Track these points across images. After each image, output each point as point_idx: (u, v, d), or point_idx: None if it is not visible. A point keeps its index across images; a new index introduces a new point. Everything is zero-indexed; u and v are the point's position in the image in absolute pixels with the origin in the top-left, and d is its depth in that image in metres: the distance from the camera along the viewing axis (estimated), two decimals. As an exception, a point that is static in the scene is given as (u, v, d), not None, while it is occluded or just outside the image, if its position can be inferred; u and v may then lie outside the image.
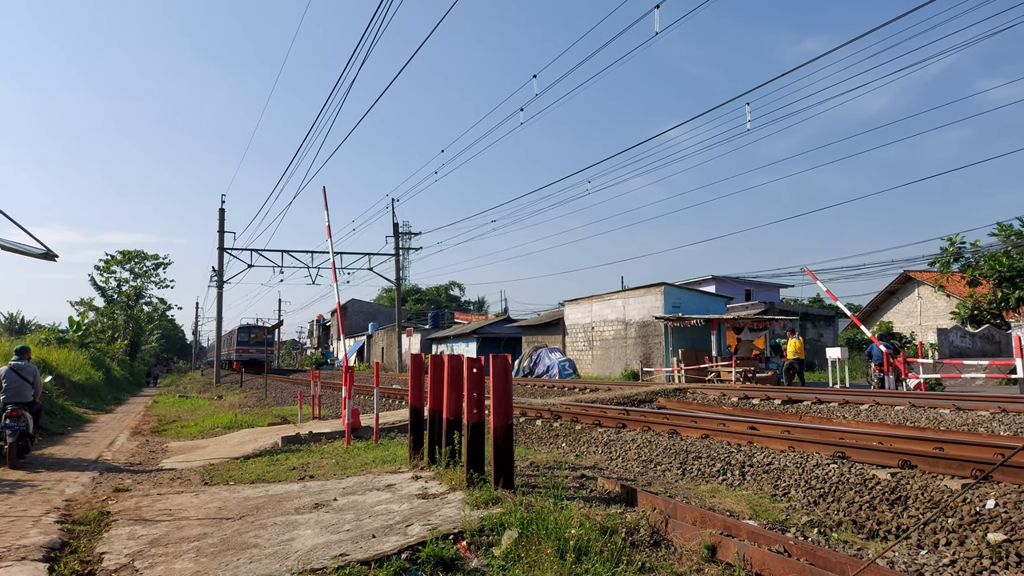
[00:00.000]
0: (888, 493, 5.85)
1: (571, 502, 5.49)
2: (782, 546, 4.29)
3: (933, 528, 5.19)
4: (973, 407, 11.56)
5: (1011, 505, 5.08)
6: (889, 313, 39.57)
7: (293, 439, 11.52)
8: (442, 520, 5.23)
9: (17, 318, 57.19)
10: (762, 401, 14.61)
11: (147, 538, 5.47)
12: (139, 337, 56.95)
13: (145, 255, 57.52)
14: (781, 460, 7.17)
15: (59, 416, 16.74)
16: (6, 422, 9.54)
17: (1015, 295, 27.45)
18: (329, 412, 17.18)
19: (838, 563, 3.92)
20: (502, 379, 6.26)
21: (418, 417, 8.40)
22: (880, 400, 13.06)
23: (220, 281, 40.24)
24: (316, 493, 6.92)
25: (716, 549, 4.39)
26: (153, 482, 8.74)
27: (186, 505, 6.75)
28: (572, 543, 4.38)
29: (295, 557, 4.61)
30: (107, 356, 39.42)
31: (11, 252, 8.29)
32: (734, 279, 40.53)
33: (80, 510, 6.83)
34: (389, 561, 4.39)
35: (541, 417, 12.23)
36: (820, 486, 6.37)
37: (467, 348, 45.17)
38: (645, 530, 4.84)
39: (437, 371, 7.66)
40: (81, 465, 10.14)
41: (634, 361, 30.10)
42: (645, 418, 10.78)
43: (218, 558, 4.77)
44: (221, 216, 40.04)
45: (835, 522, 5.72)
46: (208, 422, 17.12)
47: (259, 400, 24.84)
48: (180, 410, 22.75)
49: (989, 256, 28.22)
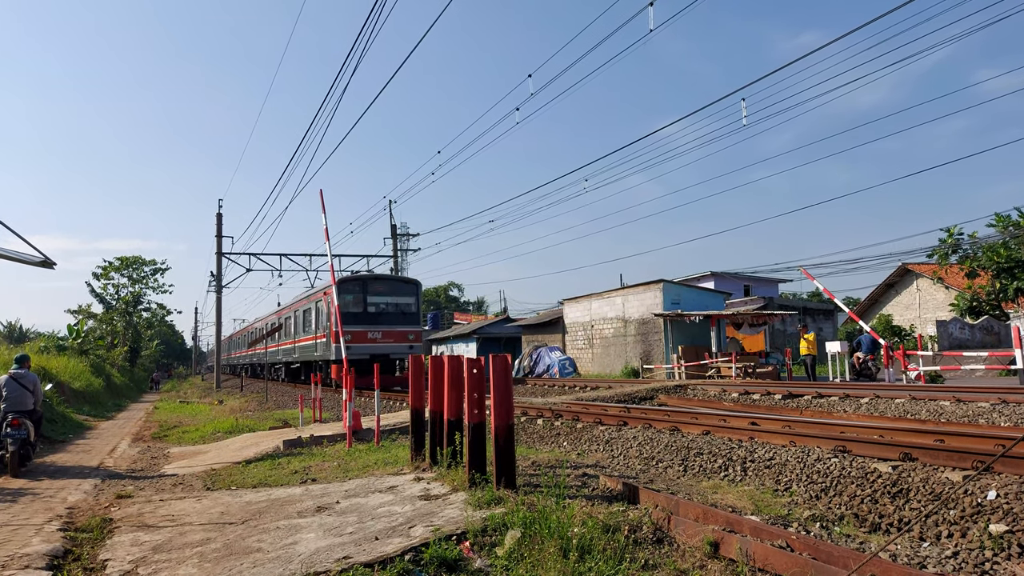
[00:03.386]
0: (889, 486, 5.86)
1: (573, 501, 5.50)
2: (785, 541, 4.29)
3: (935, 520, 5.19)
4: (973, 399, 11.58)
5: (1012, 496, 5.08)
6: (888, 306, 39.59)
7: (295, 443, 11.51)
8: (445, 521, 5.23)
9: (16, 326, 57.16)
10: (763, 396, 14.62)
11: (150, 544, 5.46)
12: (139, 343, 56.82)
13: (143, 261, 57.44)
14: (782, 455, 7.18)
15: (60, 424, 16.72)
16: (7, 431, 9.53)
17: (1013, 286, 27.47)
18: (330, 415, 17.16)
19: (841, 557, 3.92)
20: (502, 379, 6.26)
21: (419, 418, 8.40)
22: (880, 393, 13.08)
23: (219, 286, 40.18)
24: (318, 496, 6.92)
25: (719, 545, 4.40)
26: (155, 488, 8.73)
27: (188, 510, 6.75)
28: (575, 542, 4.39)
29: (298, 561, 4.61)
30: (107, 363, 39.36)
31: (9, 261, 8.29)
32: (733, 275, 40.56)
33: (83, 517, 6.83)
34: (392, 563, 4.39)
35: (542, 416, 12.24)
36: (822, 480, 6.38)
37: (467, 348, 45.19)
38: (648, 527, 4.85)
39: (437, 372, 7.66)
40: (83, 472, 10.13)
41: (634, 358, 30.11)
42: (646, 415, 10.79)
43: (221, 563, 4.77)
44: (219, 221, 39.98)
45: (837, 516, 5.73)
46: (209, 427, 17.09)
47: (260, 404, 24.81)
48: (181, 416, 22.72)
49: (987, 247, 28.24)
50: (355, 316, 22.51)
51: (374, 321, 23.07)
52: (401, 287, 24.57)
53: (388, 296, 24.01)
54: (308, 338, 27.29)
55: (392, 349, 23.29)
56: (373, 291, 23.59)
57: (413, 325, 24.07)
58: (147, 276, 57.51)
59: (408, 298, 24.38)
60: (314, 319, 26.47)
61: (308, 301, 28.15)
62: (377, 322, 23.12)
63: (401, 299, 24.17)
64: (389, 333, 23.25)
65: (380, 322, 23.19)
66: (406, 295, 24.46)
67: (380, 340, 22.86)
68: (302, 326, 28.80)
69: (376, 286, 23.72)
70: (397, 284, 24.79)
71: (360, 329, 22.40)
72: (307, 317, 27.87)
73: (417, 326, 24.03)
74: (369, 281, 23.73)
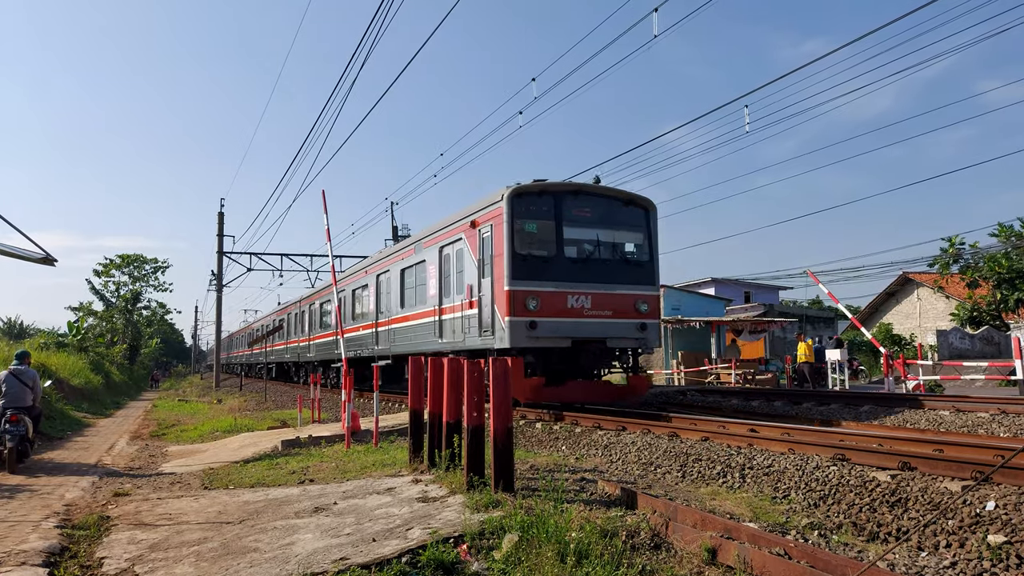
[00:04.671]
0: (888, 495, 5.85)
1: (571, 505, 5.49)
2: (783, 548, 4.29)
3: (933, 530, 5.18)
4: (972, 408, 11.55)
5: (1011, 507, 5.08)
6: (888, 315, 39.59)
7: (293, 443, 11.50)
8: (442, 523, 5.22)
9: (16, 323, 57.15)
10: (762, 403, 14.60)
11: (147, 543, 5.46)
12: (138, 341, 56.81)
13: (144, 259, 57.58)
14: (781, 462, 7.17)
15: (58, 420, 16.71)
16: (6, 427, 9.53)
17: (1014, 297, 27.46)
18: (329, 415, 17.15)
19: (838, 565, 3.92)
20: (502, 382, 6.26)
21: (418, 420, 8.40)
22: (879, 402, 13.06)
23: (219, 285, 40.22)
24: (316, 497, 6.91)
25: (717, 552, 4.39)
26: (153, 486, 8.72)
27: (186, 509, 6.74)
28: (572, 546, 4.38)
29: (295, 561, 4.61)
30: (106, 360, 39.35)
31: (10, 257, 8.29)
32: (733, 281, 40.56)
33: (80, 515, 6.82)
34: (389, 565, 4.39)
35: (541, 420, 12.22)
36: (820, 488, 6.36)
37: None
38: (645, 533, 4.84)
39: (437, 374, 7.66)
40: (81, 470, 10.12)
41: (634, 363, 30.10)
42: (645, 421, 10.78)
43: (218, 562, 4.77)
44: (220, 220, 40.02)
45: (835, 524, 5.71)
46: (208, 426, 17.09)
47: (259, 404, 24.80)
48: (180, 414, 22.72)
49: (988, 258, 28.23)
50: (541, 264, 12.25)
51: (579, 276, 12.50)
52: (623, 213, 13.36)
53: (604, 227, 13.13)
54: (365, 325, 19.92)
55: (612, 328, 12.58)
56: (577, 216, 12.85)
57: (646, 284, 13.09)
58: (148, 274, 57.61)
59: (635, 233, 13.41)
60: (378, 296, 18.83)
61: (362, 275, 20.79)
62: (584, 277, 12.54)
63: (626, 234, 13.41)
64: (606, 298, 12.55)
65: (589, 277, 12.60)
66: (632, 227, 13.40)
67: (590, 312, 12.36)
68: (351, 311, 21.56)
69: (582, 207, 12.92)
70: (616, 207, 13.37)
71: (554, 289, 12.15)
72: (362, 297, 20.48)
73: (653, 285, 13.31)
74: (569, 198, 12.79)
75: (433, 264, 15.08)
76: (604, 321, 12.44)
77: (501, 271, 11.89)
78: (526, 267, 11.87)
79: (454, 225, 14.20)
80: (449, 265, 14.38)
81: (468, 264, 13.24)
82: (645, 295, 12.89)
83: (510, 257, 11.67)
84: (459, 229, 13.82)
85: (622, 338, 12.68)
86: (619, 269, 12.93)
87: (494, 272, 12.20)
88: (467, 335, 13.17)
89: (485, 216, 12.66)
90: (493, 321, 12.14)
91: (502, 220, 11.82)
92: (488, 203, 12.64)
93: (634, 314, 12.70)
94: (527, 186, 12.35)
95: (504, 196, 11.77)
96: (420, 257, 16.08)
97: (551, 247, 12.40)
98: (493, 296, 12.18)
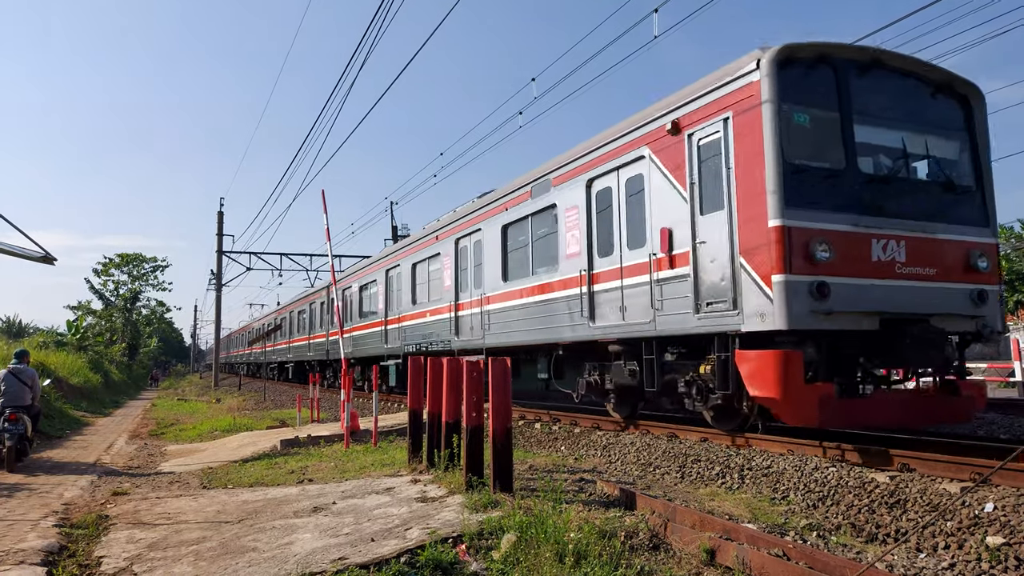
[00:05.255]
0: (887, 496, 5.85)
1: (570, 505, 5.49)
2: (781, 549, 4.29)
3: (932, 531, 5.19)
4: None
5: (1010, 508, 5.08)
6: (888, 316, 39.54)
7: (292, 442, 11.50)
8: (441, 524, 5.23)
9: (15, 321, 57.14)
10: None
11: (145, 542, 5.46)
12: (137, 340, 56.81)
13: (143, 258, 57.47)
14: (780, 463, 7.17)
15: (57, 419, 16.69)
16: (4, 425, 9.53)
17: (1014, 298, 27.48)
18: (328, 415, 17.15)
19: (837, 566, 3.92)
20: (501, 382, 6.26)
21: (417, 420, 8.40)
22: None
23: (219, 284, 40.21)
24: (315, 497, 6.91)
25: (715, 552, 4.39)
26: (151, 486, 8.72)
27: (185, 509, 6.74)
28: (571, 547, 4.38)
29: (294, 561, 4.61)
30: (105, 359, 39.35)
31: (10, 256, 8.29)
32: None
33: (78, 514, 6.82)
34: (388, 565, 4.39)
35: (540, 420, 12.23)
36: (819, 489, 6.37)
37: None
38: (644, 533, 4.84)
39: (436, 374, 7.66)
40: (79, 469, 10.12)
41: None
42: (644, 421, 10.77)
43: (217, 562, 4.77)
44: (220, 219, 40.00)
45: (834, 525, 5.72)
46: (207, 425, 17.08)
47: (258, 403, 24.80)
48: (179, 413, 22.71)
49: (987, 259, 28.25)
50: (827, 185, 7.39)
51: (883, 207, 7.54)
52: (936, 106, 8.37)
53: (911, 126, 8.14)
54: (441, 309, 14.86)
55: (937, 298, 7.63)
56: (873, 105, 7.86)
57: (979, 224, 8.25)
58: (147, 273, 57.57)
59: (955, 141, 8.48)
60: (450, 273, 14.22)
61: (414, 250, 16.59)
62: (891, 210, 7.56)
63: (943, 141, 8.39)
64: (927, 246, 7.65)
65: (899, 210, 7.61)
66: (951, 128, 8.45)
67: (904, 269, 7.46)
68: (409, 294, 16.93)
69: (878, 89, 7.93)
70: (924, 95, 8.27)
71: (850, 228, 7.26)
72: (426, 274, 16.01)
73: (988, 227, 8.37)
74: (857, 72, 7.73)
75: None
76: (925, 285, 7.57)
77: (757, 194, 7.16)
78: (804, 189, 7.14)
79: (615, 144, 9.43)
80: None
81: (659, 197, 8.66)
82: (981, 244, 8.07)
83: (779, 169, 7.02)
84: (634, 144, 9.09)
85: (949, 315, 7.72)
86: (939, 199, 8.07)
87: (737, 198, 7.49)
88: (659, 312, 8.52)
89: (710, 106, 7.93)
90: (735, 284, 7.45)
91: (758, 107, 7.16)
92: (717, 83, 7.85)
93: (967, 275, 7.86)
94: (797, 46, 7.34)
95: (762, 63, 7.18)
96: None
97: (837, 156, 7.51)
98: (734, 241, 7.49)
